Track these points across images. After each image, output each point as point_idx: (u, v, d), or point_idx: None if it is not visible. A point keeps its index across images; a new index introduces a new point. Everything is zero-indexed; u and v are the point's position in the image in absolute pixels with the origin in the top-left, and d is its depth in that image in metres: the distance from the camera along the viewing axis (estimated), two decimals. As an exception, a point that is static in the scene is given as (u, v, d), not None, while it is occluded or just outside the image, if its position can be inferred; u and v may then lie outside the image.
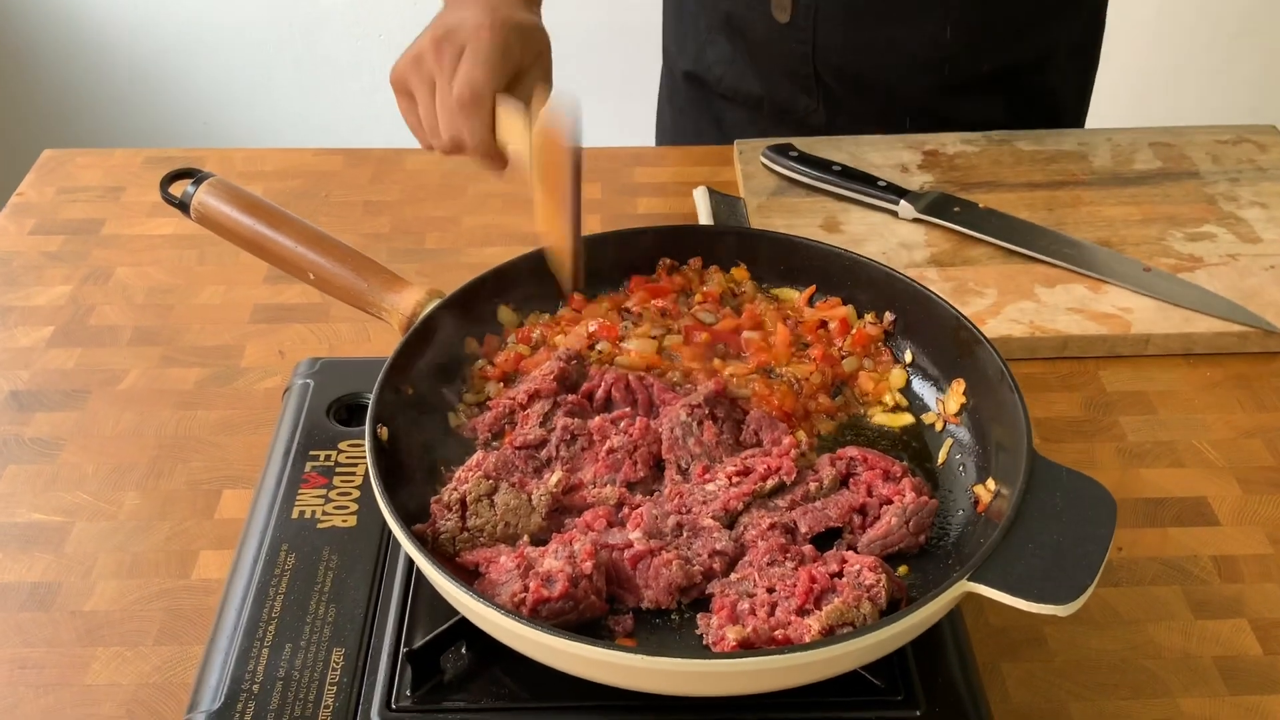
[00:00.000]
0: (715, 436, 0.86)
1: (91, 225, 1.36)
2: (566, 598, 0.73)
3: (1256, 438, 1.08)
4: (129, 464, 1.05)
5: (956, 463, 0.89)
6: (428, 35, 1.01)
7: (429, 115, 1.02)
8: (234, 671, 0.77)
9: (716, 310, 0.98)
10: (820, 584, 0.74)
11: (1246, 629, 0.92)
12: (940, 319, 0.92)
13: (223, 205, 0.95)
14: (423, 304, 0.91)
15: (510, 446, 0.86)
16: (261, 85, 2.85)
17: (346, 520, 0.88)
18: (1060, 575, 0.70)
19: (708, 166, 1.46)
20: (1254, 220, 1.30)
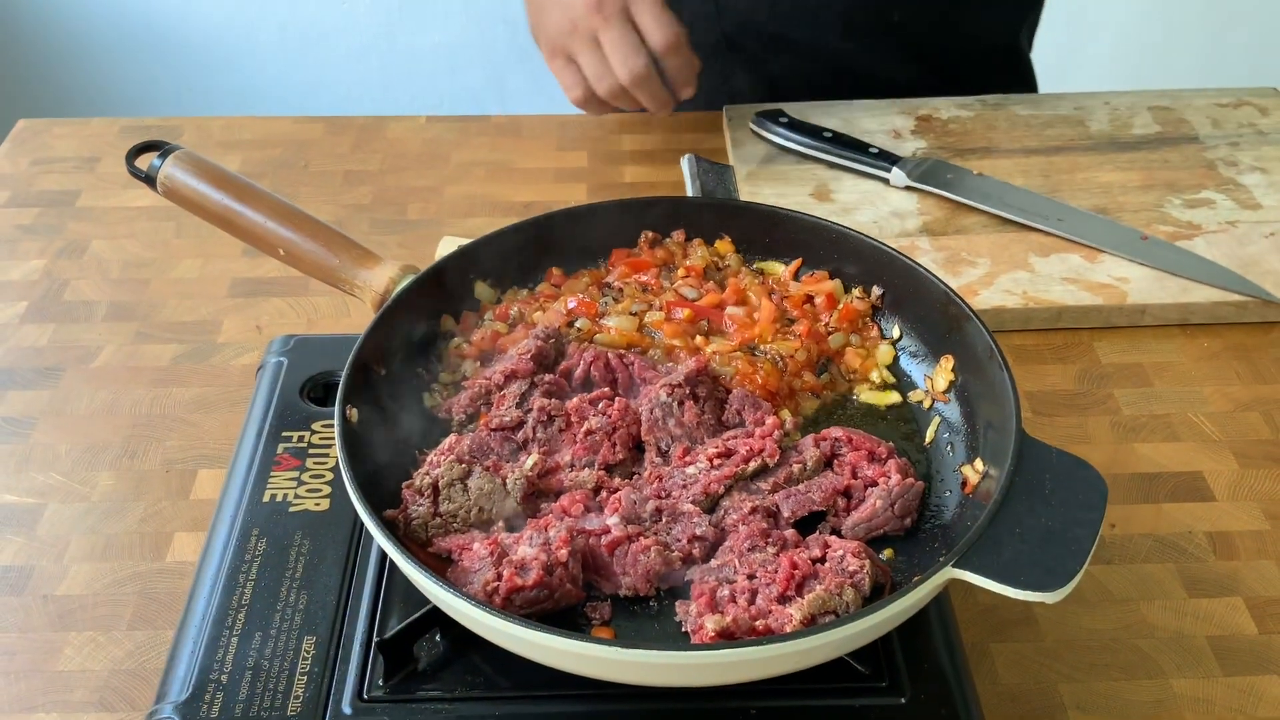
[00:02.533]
0: (696, 417, 0.83)
1: (67, 197, 1.33)
2: (541, 586, 0.71)
3: (1254, 410, 1.06)
4: (103, 443, 1.03)
5: (944, 442, 0.87)
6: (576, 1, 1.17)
7: (600, 67, 1.20)
8: (202, 661, 0.76)
9: (700, 285, 0.95)
10: (802, 570, 0.72)
11: (1241, 607, 0.90)
12: (929, 293, 0.90)
13: (190, 179, 0.92)
14: (396, 280, 0.89)
15: (485, 428, 0.83)
16: (245, 50, 2.81)
17: (319, 504, 0.86)
18: (1048, 561, 0.68)
19: (696, 133, 1.43)
20: (1254, 186, 1.27)
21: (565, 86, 1.27)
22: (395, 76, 2.86)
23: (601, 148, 1.41)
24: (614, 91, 1.22)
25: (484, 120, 1.47)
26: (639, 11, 1.19)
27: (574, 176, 1.37)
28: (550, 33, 1.22)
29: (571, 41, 1.21)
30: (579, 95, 1.26)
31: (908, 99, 1.42)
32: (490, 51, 2.84)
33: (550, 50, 1.23)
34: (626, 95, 1.24)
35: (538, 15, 1.26)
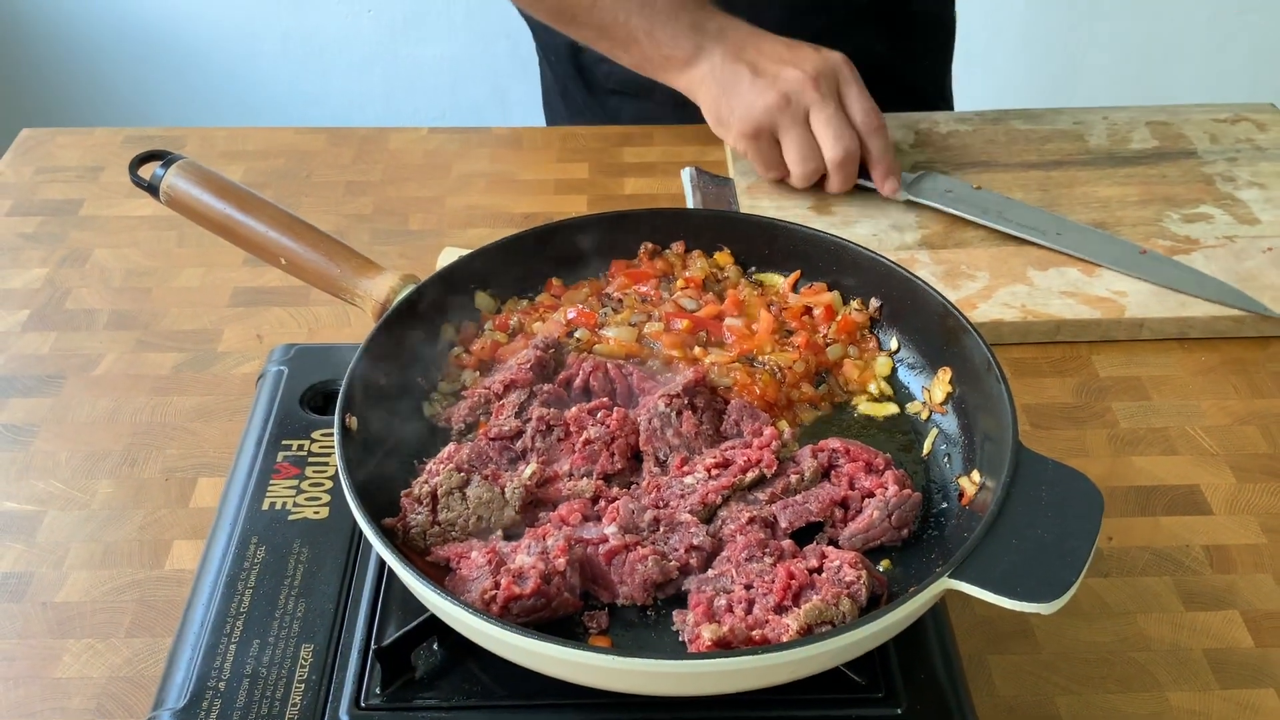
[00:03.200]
0: (694, 427, 0.84)
1: (70, 206, 1.34)
2: (538, 595, 0.71)
3: (1251, 424, 1.06)
4: (103, 451, 1.04)
5: (942, 454, 0.87)
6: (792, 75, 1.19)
7: (807, 147, 1.22)
8: (200, 668, 0.76)
9: (699, 296, 0.96)
10: (799, 580, 0.72)
11: (1238, 620, 0.90)
12: (927, 306, 0.90)
13: (193, 188, 0.92)
14: (397, 290, 0.89)
15: (484, 438, 0.84)
16: (248, 60, 2.82)
17: (318, 512, 0.86)
18: (1044, 572, 0.68)
19: (697, 145, 1.44)
20: (1251, 201, 1.28)
21: (762, 166, 1.27)
22: (398, 88, 2.87)
23: (602, 160, 1.42)
24: (815, 172, 1.24)
25: (485, 132, 1.47)
26: (847, 91, 1.21)
27: (575, 188, 1.38)
28: (754, 111, 1.21)
29: (781, 118, 1.20)
30: (775, 176, 1.28)
31: (907, 113, 1.43)
32: (493, 64, 2.86)
33: (752, 129, 1.22)
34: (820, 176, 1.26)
35: (726, 98, 1.23)
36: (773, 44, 1.23)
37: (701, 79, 1.24)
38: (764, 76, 1.20)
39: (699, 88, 1.25)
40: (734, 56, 1.22)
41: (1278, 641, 0.88)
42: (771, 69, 1.21)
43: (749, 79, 1.21)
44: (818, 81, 1.19)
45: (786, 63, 1.20)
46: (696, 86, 1.25)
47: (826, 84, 1.20)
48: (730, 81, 1.22)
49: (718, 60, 1.22)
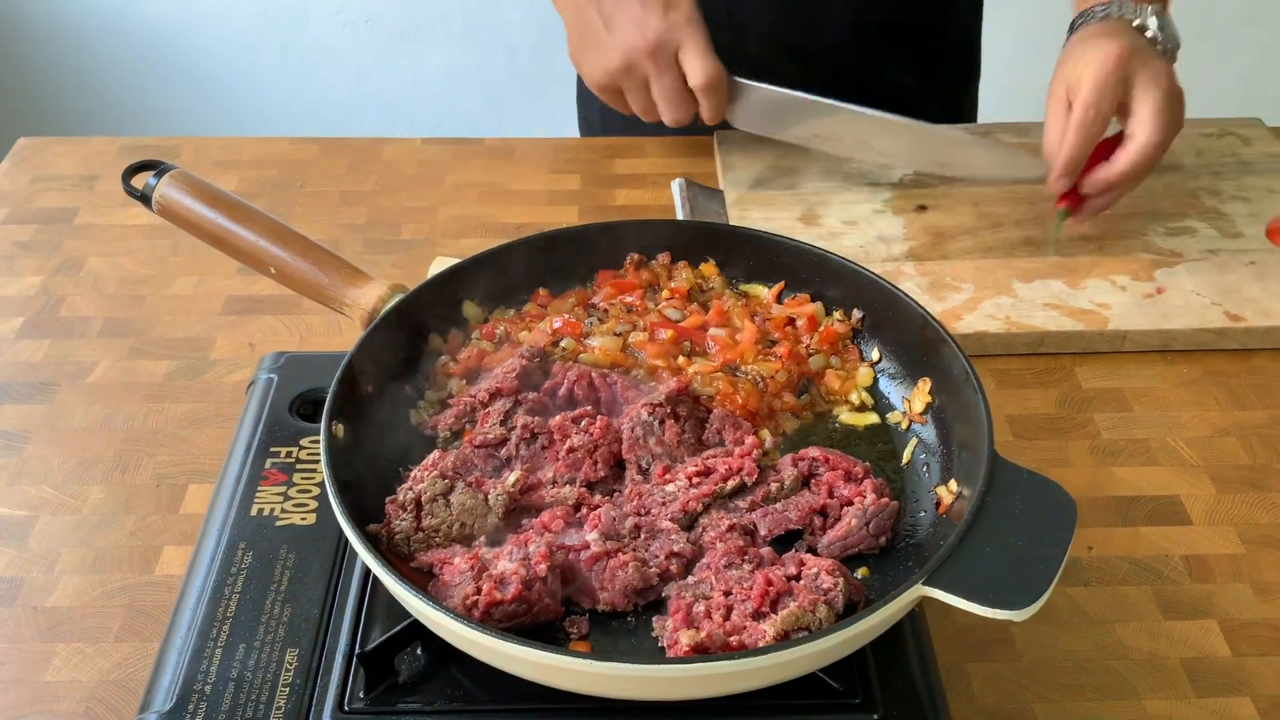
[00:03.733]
0: (677, 436, 0.85)
1: (65, 214, 1.35)
2: (520, 600, 0.72)
3: (1232, 436, 1.08)
4: (95, 458, 1.05)
5: (920, 463, 0.88)
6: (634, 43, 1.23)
7: (646, 105, 1.29)
8: (186, 672, 0.77)
9: (684, 307, 0.97)
10: (777, 587, 0.73)
11: (1215, 630, 0.91)
12: (907, 317, 0.91)
13: (184, 198, 0.94)
14: (384, 299, 0.90)
15: (469, 445, 0.85)
16: (246, 71, 2.84)
17: (305, 518, 0.87)
18: (1017, 580, 0.69)
19: (688, 158, 1.45)
20: (1235, 215, 1.29)
21: (613, 105, 1.33)
22: (395, 99, 2.89)
23: (594, 171, 1.43)
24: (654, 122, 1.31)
25: (478, 143, 1.49)
26: (685, 53, 1.24)
27: (566, 199, 1.39)
28: (598, 73, 1.27)
29: (624, 81, 1.26)
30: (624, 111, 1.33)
31: None
32: (489, 76, 2.87)
33: (599, 88, 1.29)
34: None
35: (582, 44, 1.29)
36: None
37: (567, 9, 1.30)
38: (611, 34, 1.25)
39: (565, 19, 1.31)
40: (595, 2, 1.26)
41: (1255, 651, 0.89)
42: (620, 27, 1.24)
43: (601, 34, 1.26)
44: (656, 52, 1.23)
45: (634, 24, 1.23)
46: (564, 16, 1.31)
47: (663, 52, 1.24)
48: (585, 31, 1.28)
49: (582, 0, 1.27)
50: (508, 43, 2.84)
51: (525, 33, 2.82)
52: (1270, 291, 1.18)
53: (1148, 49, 1.23)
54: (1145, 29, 1.23)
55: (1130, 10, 1.25)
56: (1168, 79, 1.21)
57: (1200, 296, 1.18)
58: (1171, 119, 1.19)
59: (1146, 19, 1.23)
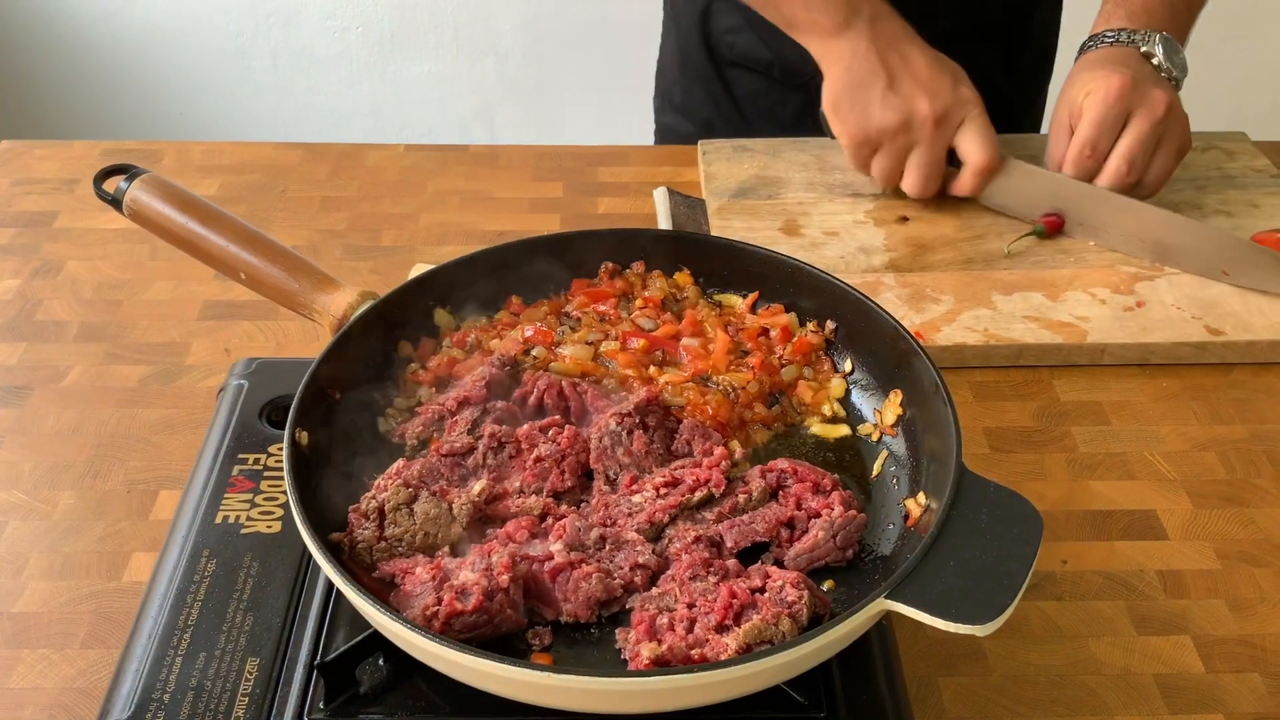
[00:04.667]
0: (645, 446, 0.84)
1: (45, 218, 1.35)
2: (480, 611, 0.72)
3: (1210, 450, 1.07)
4: (66, 462, 1.04)
5: (890, 475, 0.87)
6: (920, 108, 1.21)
7: (891, 172, 1.26)
8: (146, 680, 0.76)
9: (657, 316, 0.96)
10: (741, 600, 0.73)
11: (1189, 646, 0.90)
12: (880, 329, 0.91)
13: (155, 202, 0.93)
14: (354, 306, 0.90)
15: (436, 454, 0.84)
16: (236, 76, 2.84)
17: (271, 526, 0.86)
18: (980, 594, 0.69)
19: (671, 166, 1.45)
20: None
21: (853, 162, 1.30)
22: (385, 105, 2.89)
23: (577, 179, 1.43)
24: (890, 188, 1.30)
25: (462, 150, 1.48)
26: (968, 130, 1.23)
27: (549, 207, 1.39)
28: (870, 125, 1.23)
29: (888, 142, 1.24)
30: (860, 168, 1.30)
31: None
32: (479, 82, 2.87)
33: (861, 138, 1.25)
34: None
35: (853, 93, 1.24)
36: (919, 57, 1.23)
37: (839, 58, 1.24)
38: (895, 93, 1.21)
39: (833, 65, 1.25)
40: (879, 53, 1.22)
41: (1228, 667, 0.89)
42: (906, 88, 1.21)
43: (881, 89, 1.22)
44: (940, 123, 1.21)
45: (922, 88, 1.21)
46: (832, 63, 1.26)
47: (946, 128, 1.22)
48: (864, 80, 1.23)
49: (862, 47, 1.22)
50: (498, 50, 2.84)
51: (516, 40, 2.82)
52: (1251, 306, 1.18)
53: (1151, 79, 1.24)
54: (1151, 56, 1.24)
55: (1140, 38, 1.26)
56: (1165, 108, 1.22)
57: (1180, 310, 1.17)
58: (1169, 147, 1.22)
59: (1154, 47, 1.24)
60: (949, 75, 1.23)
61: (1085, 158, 1.24)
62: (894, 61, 1.21)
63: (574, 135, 2.37)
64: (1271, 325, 1.15)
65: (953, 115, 1.22)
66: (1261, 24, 2.69)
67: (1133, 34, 1.26)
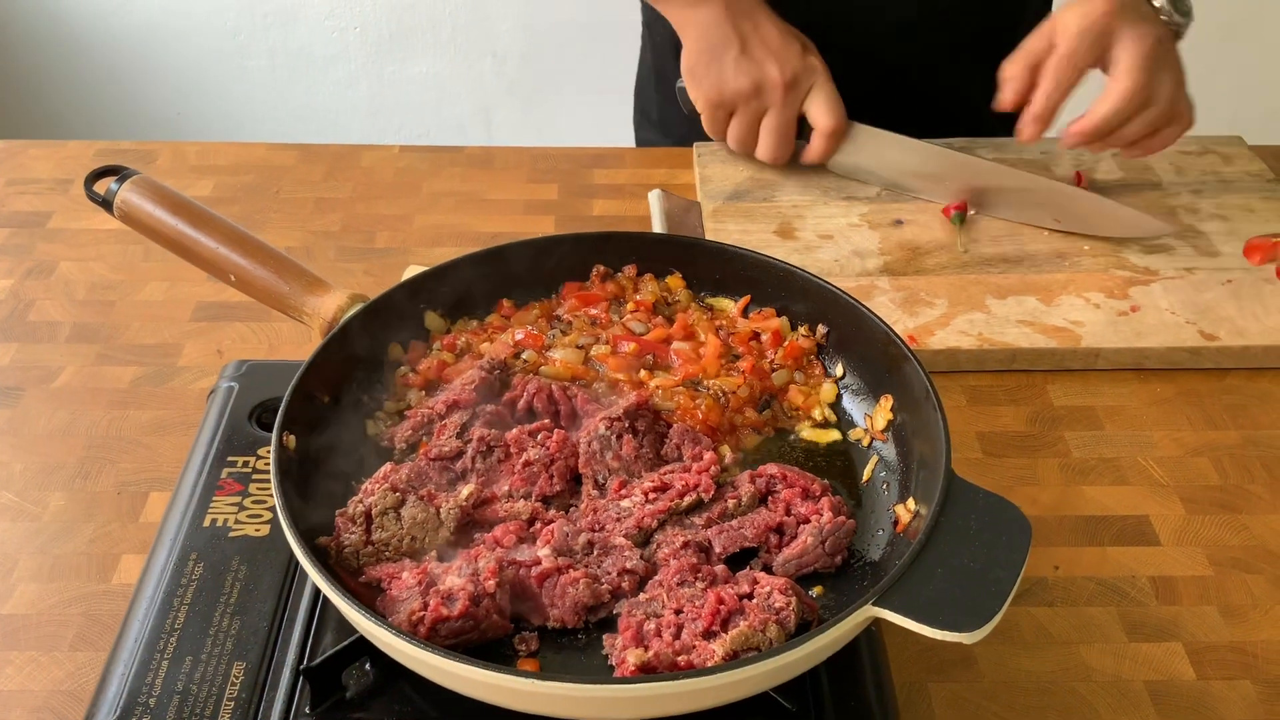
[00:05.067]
0: (634, 451, 0.84)
1: (38, 218, 1.35)
2: (466, 617, 0.71)
3: (1204, 456, 1.07)
4: (57, 464, 1.04)
5: (881, 481, 0.87)
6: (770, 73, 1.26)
7: (747, 137, 1.32)
8: (132, 684, 0.76)
9: (648, 319, 0.96)
10: (728, 606, 0.73)
11: (1180, 652, 0.90)
12: (871, 333, 0.90)
13: (146, 203, 0.93)
14: (344, 309, 0.89)
15: (424, 458, 0.84)
16: (234, 76, 2.83)
17: (259, 529, 0.86)
18: (968, 601, 0.68)
19: (667, 168, 1.45)
20: (1213, 233, 1.29)
21: (709, 128, 1.35)
22: (383, 106, 2.89)
23: (572, 181, 1.43)
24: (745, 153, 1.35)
25: (457, 151, 1.48)
26: (817, 96, 1.27)
27: (543, 209, 1.38)
28: (724, 89, 1.28)
29: (742, 105, 1.29)
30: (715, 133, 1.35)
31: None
32: (477, 83, 2.87)
33: (716, 101, 1.30)
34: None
35: (707, 58, 1.29)
36: (770, 25, 1.27)
37: (695, 25, 1.29)
38: (748, 59, 1.26)
39: (689, 32, 1.30)
40: (732, 21, 1.27)
41: (1220, 675, 0.89)
42: (757, 54, 1.26)
43: (735, 55, 1.26)
44: (789, 88, 1.26)
45: (773, 55, 1.26)
46: (688, 31, 1.31)
47: (796, 94, 1.27)
48: (717, 47, 1.28)
49: (716, 16, 1.27)
50: (496, 50, 2.84)
51: (514, 40, 2.81)
52: (1246, 311, 1.17)
53: (1140, 10, 1.21)
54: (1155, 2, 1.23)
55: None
56: (1155, 40, 1.20)
57: (1175, 315, 1.17)
58: (1154, 72, 1.19)
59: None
60: (798, 43, 1.27)
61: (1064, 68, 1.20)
62: (746, 29, 1.26)
63: (572, 136, 2.36)
64: (1266, 330, 1.15)
65: (801, 81, 1.26)
66: (1262, 27, 2.68)
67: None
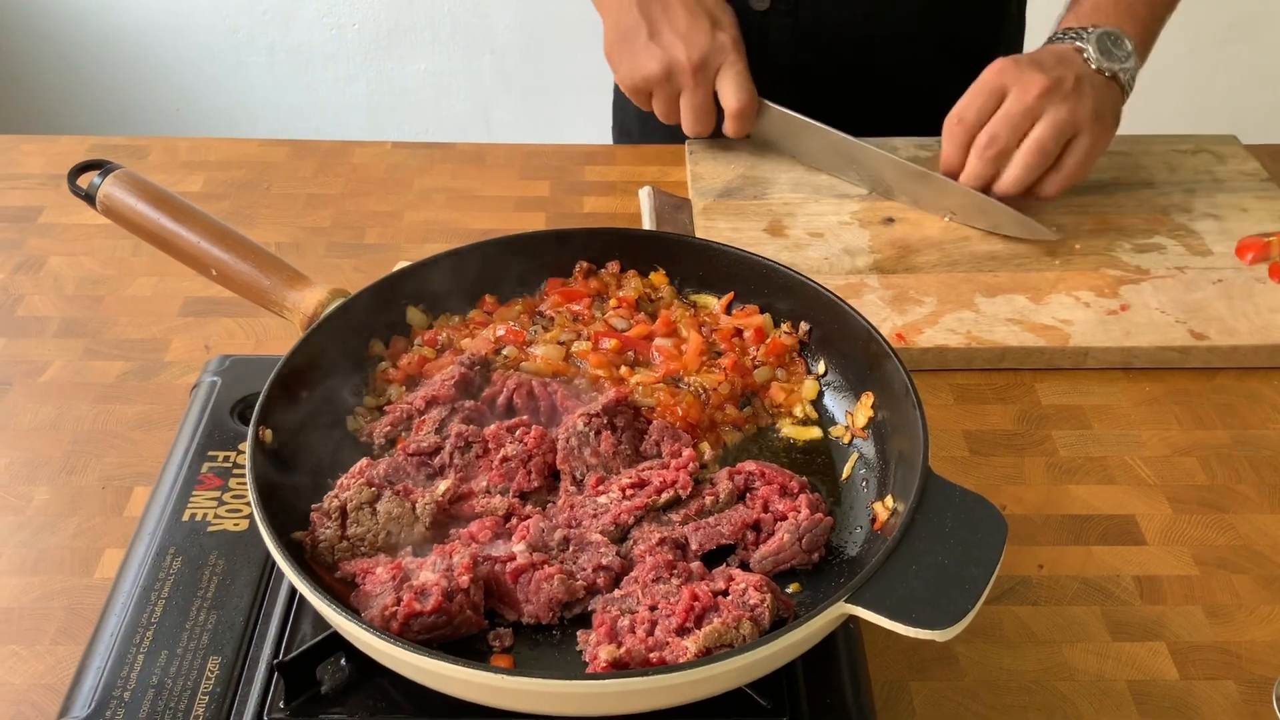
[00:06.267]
0: (612, 447, 0.84)
1: (29, 213, 1.35)
2: (439, 612, 0.71)
3: (1191, 455, 1.06)
4: (43, 458, 1.04)
5: (860, 478, 0.87)
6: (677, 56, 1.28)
7: (669, 114, 1.34)
8: (107, 678, 0.76)
9: (631, 316, 0.96)
10: (703, 603, 0.72)
11: (1164, 652, 0.90)
12: (853, 331, 0.90)
13: (128, 198, 0.93)
14: (324, 303, 0.89)
15: (402, 453, 0.84)
16: (232, 72, 2.84)
17: (238, 524, 0.86)
18: (941, 599, 0.68)
19: (658, 166, 1.44)
20: (1205, 232, 1.28)
21: (638, 104, 1.37)
22: (382, 103, 2.89)
23: (564, 178, 1.42)
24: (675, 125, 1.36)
25: (449, 147, 1.48)
26: (725, 76, 1.29)
27: (534, 205, 1.38)
28: (636, 75, 1.31)
29: (656, 89, 1.31)
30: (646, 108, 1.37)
31: (870, 137, 1.43)
32: (476, 80, 2.87)
33: (630, 88, 1.33)
34: None
35: (621, 44, 1.32)
36: (679, 7, 1.29)
37: (609, 11, 1.33)
38: (656, 43, 1.28)
39: (606, 17, 1.35)
40: (640, 6, 1.29)
41: (1203, 675, 0.88)
42: (666, 38, 1.28)
43: (644, 39, 1.29)
44: (697, 69, 1.28)
45: (680, 38, 1.27)
46: (604, 12, 1.35)
47: (706, 73, 1.29)
48: (628, 32, 1.30)
49: (627, 1, 1.30)
50: (495, 47, 2.84)
51: (513, 37, 2.81)
52: (1236, 310, 1.17)
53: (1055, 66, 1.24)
54: (1082, 52, 1.26)
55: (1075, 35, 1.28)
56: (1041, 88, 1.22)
57: (1165, 314, 1.17)
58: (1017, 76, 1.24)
59: (1086, 43, 1.26)
60: (707, 21, 1.28)
61: (953, 126, 1.26)
62: (655, 13, 1.29)
63: (571, 133, 2.36)
64: (1256, 330, 1.14)
65: (710, 61, 1.28)
66: (1261, 28, 2.67)
67: (1072, 33, 1.28)
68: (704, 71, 1.28)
